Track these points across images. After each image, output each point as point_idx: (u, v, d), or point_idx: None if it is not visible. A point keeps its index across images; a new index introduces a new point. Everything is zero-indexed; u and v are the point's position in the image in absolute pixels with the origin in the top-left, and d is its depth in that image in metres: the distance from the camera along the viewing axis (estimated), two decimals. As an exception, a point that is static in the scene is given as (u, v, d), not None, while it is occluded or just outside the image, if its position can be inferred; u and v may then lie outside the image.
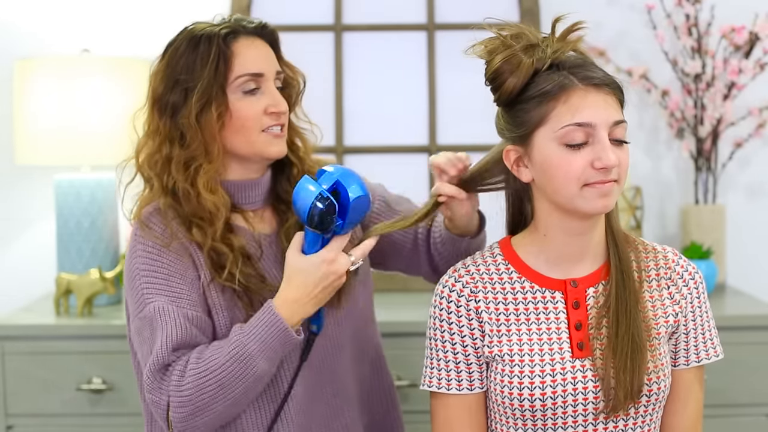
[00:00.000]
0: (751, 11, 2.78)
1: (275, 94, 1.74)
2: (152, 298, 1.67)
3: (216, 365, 1.60)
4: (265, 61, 1.75)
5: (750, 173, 2.92)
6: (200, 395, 1.60)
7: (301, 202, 1.61)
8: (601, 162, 1.47)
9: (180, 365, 1.62)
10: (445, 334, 1.58)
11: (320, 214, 1.59)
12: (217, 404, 1.61)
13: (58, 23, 2.87)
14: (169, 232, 1.70)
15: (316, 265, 1.63)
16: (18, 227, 2.92)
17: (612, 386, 1.52)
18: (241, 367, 1.61)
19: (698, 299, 1.62)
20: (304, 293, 1.63)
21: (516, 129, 1.53)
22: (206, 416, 1.62)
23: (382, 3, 2.90)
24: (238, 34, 1.73)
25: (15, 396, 2.41)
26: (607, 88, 1.50)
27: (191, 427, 1.62)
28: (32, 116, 2.59)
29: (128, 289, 1.72)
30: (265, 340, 1.61)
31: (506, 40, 1.52)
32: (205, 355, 1.62)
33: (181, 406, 1.61)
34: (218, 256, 1.70)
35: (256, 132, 1.73)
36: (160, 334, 1.64)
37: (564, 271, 1.58)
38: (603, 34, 2.85)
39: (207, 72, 1.69)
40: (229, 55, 1.71)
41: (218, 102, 1.69)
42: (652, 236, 2.88)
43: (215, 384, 1.60)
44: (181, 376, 1.61)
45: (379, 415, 1.90)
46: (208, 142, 1.70)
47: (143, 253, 1.70)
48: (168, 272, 1.69)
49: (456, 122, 2.87)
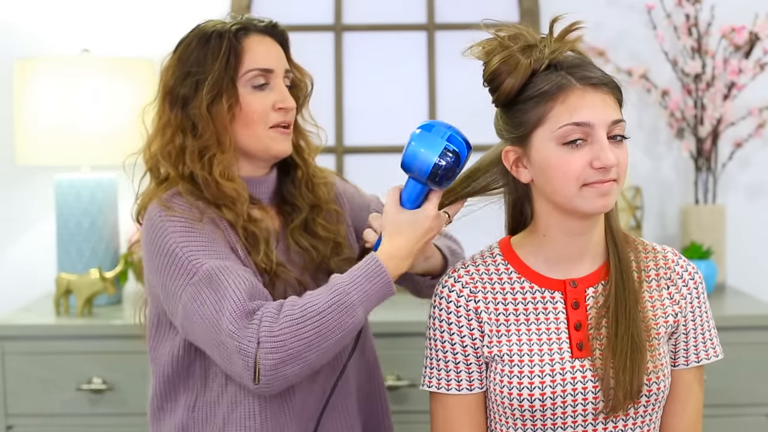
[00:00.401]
0: (751, 11, 2.78)
1: (284, 90, 1.76)
2: (202, 261, 1.62)
3: (315, 311, 1.56)
4: (275, 58, 1.77)
5: (750, 173, 2.92)
6: (296, 341, 1.55)
7: (422, 155, 1.58)
8: (599, 162, 1.47)
9: (271, 309, 1.57)
10: (444, 335, 1.58)
11: (446, 168, 1.58)
12: (311, 352, 1.56)
13: (58, 23, 2.87)
14: (197, 210, 1.69)
15: (422, 221, 1.62)
16: (18, 227, 2.92)
17: (611, 386, 1.52)
18: (340, 315, 1.56)
19: (698, 299, 1.62)
20: (408, 247, 1.62)
21: (514, 130, 1.53)
22: (297, 364, 1.56)
23: (382, 3, 2.91)
24: (248, 31, 1.75)
25: (15, 396, 2.41)
26: (605, 87, 1.50)
27: (281, 376, 1.56)
28: (32, 116, 2.60)
29: (165, 268, 1.66)
30: (366, 291, 1.59)
31: (504, 41, 1.52)
32: (302, 302, 1.58)
33: (273, 352, 1.54)
34: (250, 235, 1.70)
35: (264, 127, 1.74)
36: (228, 286, 1.59)
37: (563, 271, 1.58)
38: (603, 34, 2.85)
39: (218, 65, 1.71)
40: (240, 50, 1.73)
41: (229, 94, 1.71)
42: (652, 236, 2.88)
43: (313, 330, 1.55)
44: (274, 320, 1.56)
45: (373, 412, 1.90)
46: (220, 133, 1.71)
47: (175, 228, 1.66)
48: (209, 238, 1.66)
49: (456, 122, 2.84)
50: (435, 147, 1.58)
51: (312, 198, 1.84)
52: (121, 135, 2.61)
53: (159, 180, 1.76)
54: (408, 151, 1.60)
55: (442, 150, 1.58)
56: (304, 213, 1.82)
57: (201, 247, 1.65)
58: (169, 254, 1.65)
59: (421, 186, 1.63)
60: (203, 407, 1.74)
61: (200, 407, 1.74)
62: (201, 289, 1.61)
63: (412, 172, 1.61)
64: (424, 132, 1.60)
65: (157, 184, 1.76)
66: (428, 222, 1.62)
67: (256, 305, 1.58)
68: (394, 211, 1.63)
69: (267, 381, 1.56)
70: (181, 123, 1.73)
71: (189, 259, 1.63)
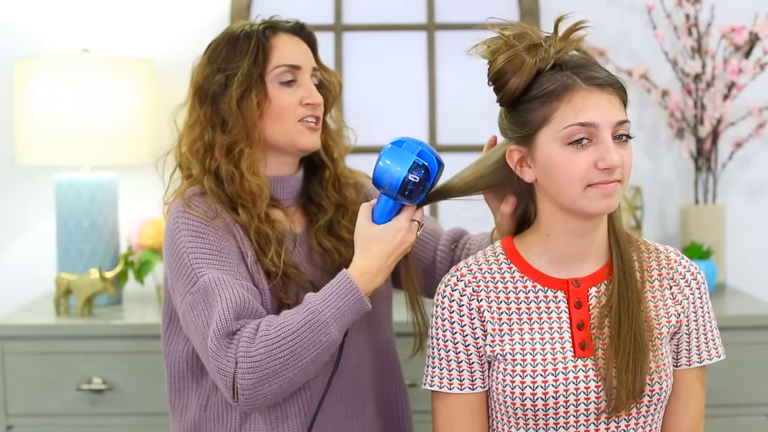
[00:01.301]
0: (751, 11, 2.78)
1: (311, 86, 1.79)
2: (204, 270, 1.66)
3: (289, 331, 1.58)
4: (303, 56, 1.80)
5: (750, 173, 2.92)
6: (271, 361, 1.58)
7: (392, 169, 1.60)
8: (604, 162, 1.47)
9: (249, 330, 1.60)
10: (447, 334, 1.58)
11: (416, 183, 1.60)
12: (287, 371, 1.59)
13: (58, 23, 2.87)
14: (213, 211, 1.72)
15: (392, 234, 1.63)
16: (18, 227, 2.91)
17: (614, 386, 1.52)
18: (313, 334, 1.59)
19: (700, 299, 1.62)
20: (379, 262, 1.63)
21: (519, 129, 1.53)
22: (275, 383, 1.59)
23: (382, 3, 2.91)
24: (276, 30, 1.79)
25: (15, 396, 2.41)
26: (611, 88, 1.50)
27: (259, 395, 1.59)
28: (32, 116, 2.59)
29: (174, 268, 1.70)
30: (339, 308, 1.60)
31: (509, 40, 1.52)
32: (277, 322, 1.60)
33: (250, 372, 1.58)
34: (262, 237, 1.72)
35: (292, 121, 1.77)
36: (218, 302, 1.62)
37: (566, 270, 1.58)
38: (603, 34, 2.85)
39: (247, 61, 1.74)
40: (268, 47, 1.76)
41: (258, 89, 1.74)
42: (652, 236, 2.88)
43: (288, 350, 1.58)
44: (251, 341, 1.59)
45: (393, 414, 1.91)
46: (249, 128, 1.74)
47: (187, 230, 1.70)
48: (216, 246, 1.69)
49: (456, 122, 2.88)
50: (405, 162, 1.60)
51: (338, 198, 1.86)
52: (121, 135, 2.62)
53: (189, 177, 1.79)
54: (378, 166, 1.62)
55: (412, 164, 1.60)
56: (329, 214, 1.84)
57: (207, 253, 1.68)
58: (179, 257, 1.69)
59: (392, 201, 1.64)
60: (215, 407, 1.75)
61: (212, 407, 1.75)
62: (198, 299, 1.65)
63: (383, 187, 1.63)
64: (394, 147, 1.62)
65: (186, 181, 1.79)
66: (400, 235, 1.64)
67: (240, 324, 1.61)
68: (365, 227, 1.65)
69: (245, 400, 1.60)
70: (210, 119, 1.76)
71: (193, 266, 1.67)
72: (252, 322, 1.61)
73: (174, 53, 2.82)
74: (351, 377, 1.79)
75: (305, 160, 1.86)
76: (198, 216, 1.70)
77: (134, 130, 2.64)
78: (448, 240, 1.91)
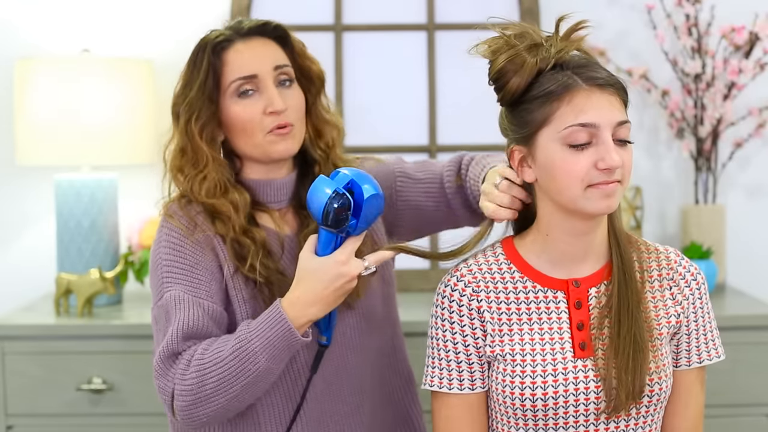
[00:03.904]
0: (751, 11, 2.78)
1: (271, 92, 1.76)
2: (171, 287, 1.69)
3: (218, 359, 1.62)
4: (259, 62, 1.76)
5: (750, 173, 2.92)
6: (201, 387, 1.61)
7: (316, 199, 1.61)
8: (604, 163, 1.47)
9: (188, 355, 1.64)
10: (446, 334, 1.58)
11: (335, 211, 1.59)
12: (218, 397, 1.62)
13: (58, 23, 2.87)
14: (193, 224, 1.73)
15: (328, 266, 1.63)
16: (18, 227, 2.91)
17: (614, 386, 1.52)
18: (242, 363, 1.61)
19: (700, 300, 1.62)
20: (312, 294, 1.63)
21: (519, 129, 1.53)
22: (208, 408, 1.63)
23: (382, 3, 2.90)
24: (231, 41, 1.77)
25: (15, 396, 2.41)
26: (611, 88, 1.50)
27: (194, 416, 1.63)
28: (32, 116, 2.59)
29: (151, 278, 1.75)
30: (268, 338, 1.62)
31: (510, 40, 1.52)
32: (212, 348, 1.63)
33: (183, 395, 1.62)
34: (240, 247, 1.73)
35: (261, 134, 1.76)
36: (173, 322, 1.65)
37: (566, 271, 1.58)
38: (603, 34, 2.85)
39: (197, 84, 1.74)
40: (219, 65, 1.75)
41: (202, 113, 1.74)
42: (652, 236, 2.88)
43: (216, 378, 1.61)
44: (187, 366, 1.63)
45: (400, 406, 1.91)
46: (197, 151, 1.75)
47: (167, 243, 1.72)
48: (190, 262, 1.71)
49: (456, 122, 2.87)
50: (325, 192, 1.60)
51: None
52: (121, 135, 2.61)
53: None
54: (308, 195, 1.63)
55: (333, 193, 1.60)
56: None
57: (179, 269, 1.71)
58: (155, 267, 1.74)
59: (327, 233, 1.64)
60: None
61: None
62: (161, 314, 1.70)
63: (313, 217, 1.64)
64: (322, 178, 1.63)
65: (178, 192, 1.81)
66: (336, 268, 1.62)
67: (186, 346, 1.65)
68: (303, 259, 1.66)
69: (182, 419, 1.65)
70: (179, 140, 1.78)
71: (163, 279, 1.71)
72: (194, 345, 1.65)
73: (174, 53, 2.80)
74: (350, 376, 1.79)
75: (299, 159, 1.85)
76: (179, 227, 1.73)
77: (134, 130, 2.64)
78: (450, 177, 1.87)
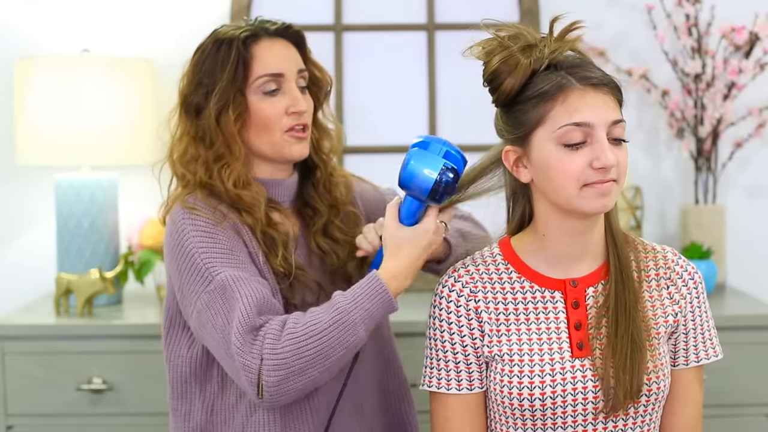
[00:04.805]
0: (751, 11, 2.77)
1: (295, 93, 1.77)
2: (219, 269, 1.65)
3: (317, 330, 1.58)
4: (286, 61, 1.78)
5: (750, 173, 2.92)
6: (298, 359, 1.57)
7: (422, 174, 1.59)
8: (599, 162, 1.47)
9: (274, 327, 1.59)
10: (444, 334, 1.58)
11: (446, 185, 1.59)
12: (313, 369, 1.58)
13: (58, 23, 2.87)
14: (219, 213, 1.72)
15: (422, 235, 1.63)
16: (18, 227, 2.91)
17: (611, 386, 1.52)
18: (341, 334, 1.58)
19: (698, 299, 1.62)
20: (409, 264, 1.63)
21: (514, 130, 1.53)
22: (300, 381, 1.58)
23: (382, 3, 2.90)
24: (259, 37, 1.77)
25: (15, 396, 2.41)
26: (605, 87, 1.50)
27: (283, 392, 1.59)
28: (32, 116, 2.59)
29: (184, 270, 1.69)
30: (368, 309, 1.60)
31: (504, 41, 1.52)
32: (305, 319, 1.60)
33: (276, 369, 1.57)
34: (271, 239, 1.72)
35: (279, 132, 1.76)
36: (238, 299, 1.61)
37: (563, 270, 1.58)
38: (603, 34, 2.85)
39: (226, 75, 1.73)
40: (249, 58, 1.74)
41: (236, 104, 1.73)
42: (652, 236, 2.88)
43: (315, 348, 1.57)
44: (277, 338, 1.58)
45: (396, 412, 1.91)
46: (230, 142, 1.73)
47: (196, 232, 1.69)
48: (228, 246, 1.69)
49: (456, 122, 2.87)
50: (434, 165, 1.60)
51: (330, 198, 1.85)
52: (121, 135, 2.62)
53: (184, 184, 1.79)
54: (406, 170, 1.61)
55: (441, 168, 1.59)
56: (324, 216, 1.83)
57: (219, 253, 1.67)
58: (189, 258, 1.68)
59: (419, 203, 1.64)
60: (222, 410, 1.75)
61: (218, 411, 1.75)
62: (215, 297, 1.64)
63: (411, 190, 1.63)
64: (420, 150, 1.61)
65: (183, 187, 1.78)
66: (428, 237, 1.64)
67: (263, 320, 1.60)
68: (394, 229, 1.65)
69: (270, 396, 1.59)
70: (195, 132, 1.76)
71: (206, 265, 1.66)
72: (276, 318, 1.61)
73: (174, 53, 2.80)
74: (354, 376, 1.79)
75: (299, 163, 1.86)
76: (206, 217, 1.70)
77: (134, 130, 2.64)
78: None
